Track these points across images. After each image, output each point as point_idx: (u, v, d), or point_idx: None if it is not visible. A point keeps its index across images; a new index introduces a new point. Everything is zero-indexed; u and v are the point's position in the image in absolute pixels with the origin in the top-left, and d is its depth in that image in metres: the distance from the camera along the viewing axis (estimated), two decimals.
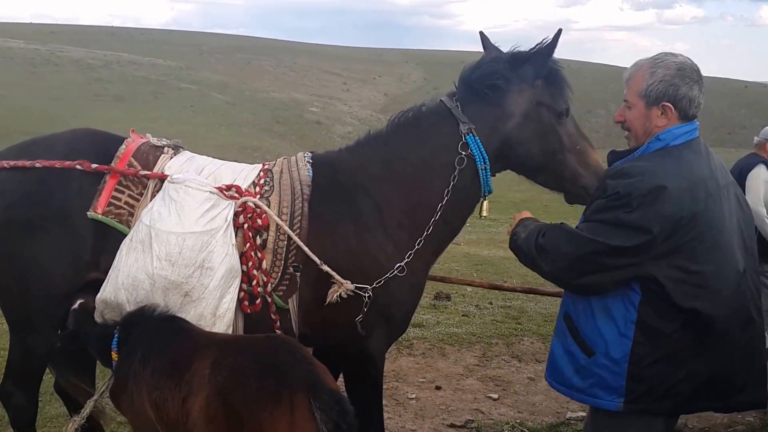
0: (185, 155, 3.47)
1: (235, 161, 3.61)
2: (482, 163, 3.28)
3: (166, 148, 3.46)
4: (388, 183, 3.32)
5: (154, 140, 3.50)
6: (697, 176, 2.55)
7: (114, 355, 3.01)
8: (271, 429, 2.47)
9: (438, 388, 5.58)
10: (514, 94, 3.25)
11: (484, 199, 3.40)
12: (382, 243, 3.24)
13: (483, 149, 3.26)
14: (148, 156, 3.37)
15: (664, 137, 2.65)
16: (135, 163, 3.31)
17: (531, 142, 3.28)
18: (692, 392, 2.55)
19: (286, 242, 3.20)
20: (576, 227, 2.69)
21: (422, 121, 3.37)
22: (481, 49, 3.48)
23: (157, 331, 2.89)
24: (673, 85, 2.62)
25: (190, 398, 2.60)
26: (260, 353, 2.68)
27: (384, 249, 3.25)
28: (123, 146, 3.36)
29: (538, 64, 3.25)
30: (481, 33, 3.51)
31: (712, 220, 2.52)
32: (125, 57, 62.75)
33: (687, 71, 2.64)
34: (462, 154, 3.25)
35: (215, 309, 3.08)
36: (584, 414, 5.14)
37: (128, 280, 3.06)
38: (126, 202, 3.22)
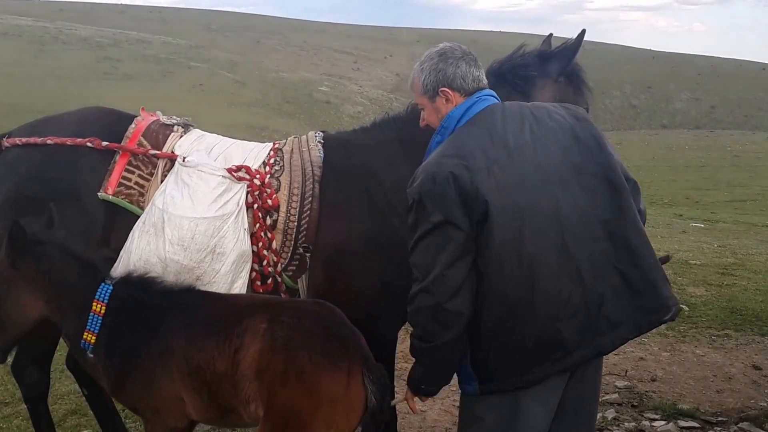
0: (195, 134, 3.44)
1: (245, 140, 3.58)
2: None
3: (175, 127, 3.44)
4: (405, 165, 3.28)
5: (164, 118, 3.47)
6: (468, 150, 2.51)
7: (90, 336, 2.86)
8: (329, 389, 2.59)
9: None
10: (540, 87, 3.37)
11: None
12: (397, 226, 3.22)
13: None
14: (158, 135, 3.34)
15: (445, 123, 2.68)
16: (145, 142, 3.29)
17: None
18: (525, 362, 2.54)
19: (296, 222, 3.17)
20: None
21: None
22: (493, 29, 3.49)
23: (182, 304, 2.87)
24: (439, 71, 2.65)
25: (241, 350, 2.65)
26: (323, 318, 2.75)
27: (399, 232, 3.22)
28: (133, 125, 3.34)
29: (563, 62, 3.38)
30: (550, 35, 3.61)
31: (503, 184, 2.47)
32: (134, 35, 62.59)
33: (448, 53, 2.68)
34: None
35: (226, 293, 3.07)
36: None
37: (140, 263, 3.06)
38: (136, 183, 3.21)
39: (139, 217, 3.15)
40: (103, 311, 2.86)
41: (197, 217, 3.07)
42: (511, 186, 2.49)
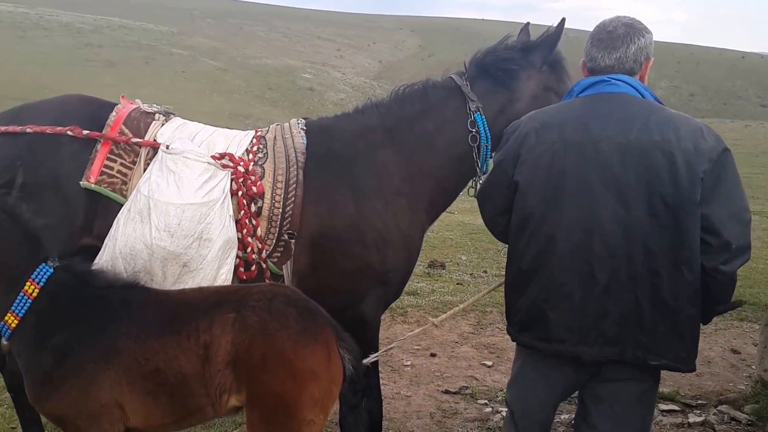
0: (176, 122, 3.43)
1: (227, 128, 3.58)
2: (485, 141, 3.42)
3: (157, 115, 3.42)
4: (389, 151, 3.38)
5: (144, 106, 3.45)
6: (555, 120, 2.67)
7: (12, 319, 2.63)
8: (312, 366, 2.59)
9: (433, 355, 5.61)
10: (525, 78, 3.44)
11: (479, 179, 3.46)
12: (380, 211, 3.28)
13: (487, 128, 3.41)
14: (140, 123, 3.32)
15: (573, 89, 2.84)
16: (126, 131, 3.26)
17: None
18: (520, 323, 2.74)
19: (281, 209, 3.19)
20: None
21: (430, 95, 3.47)
22: (476, 16, 3.54)
23: (128, 300, 2.73)
24: (586, 44, 2.79)
25: (212, 345, 2.59)
26: (289, 297, 2.73)
27: (382, 216, 3.28)
28: (114, 113, 3.31)
29: (546, 50, 3.45)
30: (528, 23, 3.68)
31: (562, 155, 2.60)
32: (116, 21, 61.93)
33: (595, 32, 2.77)
34: (471, 131, 3.41)
35: (213, 280, 3.09)
36: None
37: (126, 250, 3.05)
38: (119, 171, 3.19)
39: (122, 205, 3.14)
40: (35, 294, 2.64)
41: (184, 203, 3.06)
42: (556, 172, 2.61)
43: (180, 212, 3.05)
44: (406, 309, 6.62)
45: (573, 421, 3.50)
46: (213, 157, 3.20)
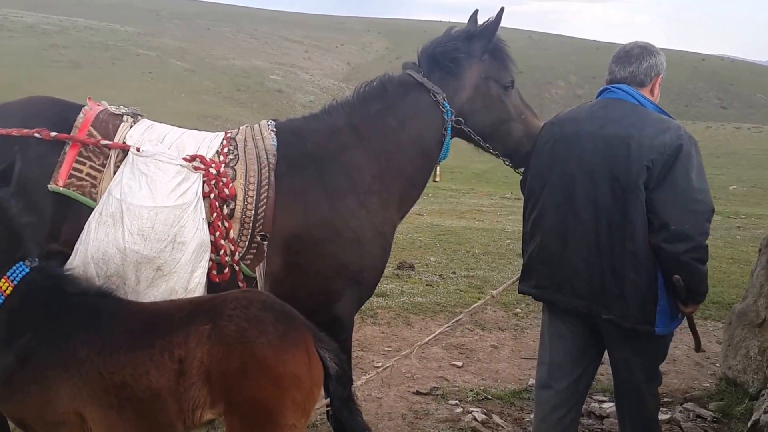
0: (145, 123, 3.40)
1: (195, 129, 3.56)
2: (450, 130, 3.51)
3: (125, 117, 3.38)
4: (358, 149, 3.42)
5: (112, 108, 3.42)
6: (567, 117, 3.39)
7: None
8: (293, 370, 2.59)
9: (404, 356, 5.62)
10: (467, 67, 3.52)
11: (438, 165, 3.65)
12: (354, 209, 3.32)
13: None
14: (108, 125, 3.29)
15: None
16: (95, 133, 3.22)
17: (481, 112, 3.56)
18: (522, 274, 3.48)
19: (253, 211, 3.19)
20: None
21: (390, 90, 3.51)
22: (444, 19, 3.63)
23: (95, 311, 2.71)
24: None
25: (188, 359, 2.56)
26: (264, 302, 2.73)
27: (356, 215, 3.32)
28: (81, 115, 3.27)
29: (485, 39, 3.53)
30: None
31: (558, 144, 3.29)
32: (81, 22, 60.99)
33: (616, 52, 3.42)
34: (440, 121, 3.50)
35: (187, 283, 3.07)
36: None
37: (98, 254, 3.01)
38: (88, 174, 3.15)
39: (91, 208, 3.10)
40: (8, 292, 2.65)
41: (157, 206, 3.03)
42: (551, 157, 3.31)
43: (153, 215, 3.02)
44: (375, 311, 6.63)
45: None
46: (184, 159, 3.18)
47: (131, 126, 3.32)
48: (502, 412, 4.74)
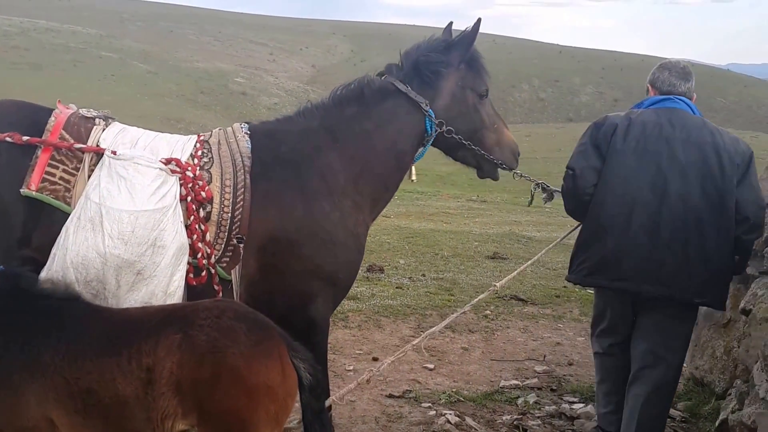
0: (117, 126, 3.37)
1: (159, 132, 3.54)
2: (428, 134, 3.61)
3: (97, 119, 3.34)
4: (332, 152, 3.45)
5: (83, 111, 3.37)
6: (639, 120, 3.71)
7: None
8: (266, 380, 2.57)
9: (375, 359, 5.61)
10: (445, 77, 3.61)
11: (413, 164, 3.74)
12: (329, 211, 3.35)
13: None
14: (80, 128, 3.24)
15: (642, 103, 3.91)
16: (67, 136, 3.18)
17: (457, 120, 3.64)
18: (592, 268, 3.73)
19: (230, 214, 3.19)
20: None
21: (367, 95, 3.55)
22: (408, 22, 3.67)
23: (60, 315, 2.68)
24: (653, 73, 3.93)
25: (156, 368, 2.53)
26: (236, 311, 2.70)
27: (331, 217, 3.34)
28: (53, 118, 3.22)
29: (463, 49, 3.63)
30: (480, 19, 3.81)
31: (643, 146, 3.64)
32: (42, 24, 59.95)
33: (670, 67, 3.88)
34: (418, 128, 3.60)
35: (166, 287, 3.05)
36: (517, 383, 5.30)
37: (78, 259, 2.97)
38: (61, 178, 3.10)
39: (65, 213, 3.05)
40: None
41: (137, 210, 3.02)
42: (637, 158, 3.64)
43: (134, 219, 3.00)
44: (346, 314, 6.61)
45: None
46: (161, 162, 3.16)
47: (103, 129, 3.28)
48: (475, 414, 4.76)
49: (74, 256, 2.97)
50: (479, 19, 3.67)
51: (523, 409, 4.84)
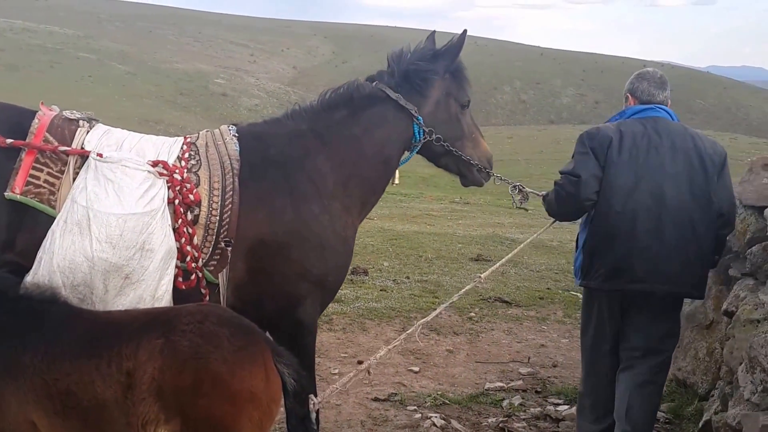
0: (101, 128, 3.34)
1: (137, 133, 3.51)
2: (416, 141, 3.68)
3: (81, 121, 3.31)
4: (321, 155, 3.46)
5: (66, 113, 3.34)
6: (629, 130, 3.85)
7: None
8: (249, 386, 2.55)
9: (360, 362, 5.57)
10: (433, 85, 3.67)
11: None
12: (318, 214, 3.35)
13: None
14: (64, 130, 3.21)
15: (625, 112, 4.05)
16: (51, 138, 3.14)
17: (440, 127, 3.69)
18: (607, 274, 3.82)
19: (218, 217, 3.17)
20: None
21: (356, 99, 3.57)
22: (390, 24, 3.71)
23: (40, 316, 2.66)
24: (631, 83, 4.08)
25: (136, 372, 2.51)
26: (220, 316, 2.69)
27: (320, 220, 3.35)
28: (36, 120, 3.18)
29: (449, 59, 3.69)
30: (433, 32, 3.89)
31: (636, 155, 3.77)
32: (19, 24, 59.27)
33: (648, 77, 4.03)
34: (405, 133, 3.65)
35: (154, 291, 3.03)
36: (502, 385, 5.31)
37: (65, 263, 2.93)
38: (46, 181, 3.06)
39: (50, 216, 3.01)
40: None
41: (125, 213, 2.99)
42: (634, 166, 3.77)
43: (122, 223, 2.97)
44: (331, 317, 6.59)
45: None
46: (148, 164, 3.13)
47: (88, 131, 3.25)
48: (460, 417, 4.77)
49: (61, 260, 2.94)
50: (465, 31, 3.75)
51: (508, 411, 4.85)
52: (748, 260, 4.23)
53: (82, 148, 3.15)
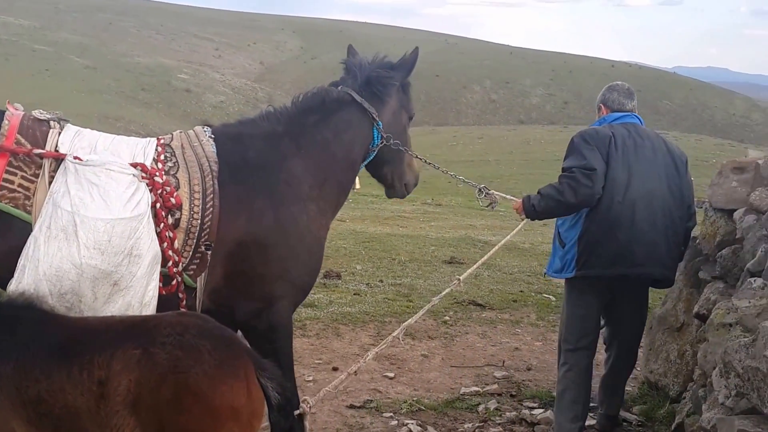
0: (72, 129, 3.27)
1: (96, 131, 3.44)
2: (374, 145, 3.82)
3: (51, 122, 3.22)
4: (297, 158, 3.52)
5: (35, 113, 3.24)
6: (619, 133, 4.29)
7: None
8: (230, 402, 2.51)
9: (335, 369, 5.55)
10: (391, 94, 3.83)
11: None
12: (296, 216, 3.41)
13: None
14: (35, 132, 3.12)
15: (605, 118, 4.50)
16: (23, 141, 3.04)
17: (394, 135, 3.84)
18: (610, 261, 4.19)
19: (200, 220, 3.14)
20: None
21: (327, 104, 3.66)
22: (360, 19, 3.79)
23: (14, 322, 2.61)
24: (603, 94, 4.60)
25: (109, 382, 2.45)
26: (201, 327, 2.63)
27: (299, 221, 3.42)
28: (6, 121, 3.08)
29: (404, 72, 3.87)
30: (350, 46, 4.05)
31: (626, 155, 4.21)
32: None
33: (618, 88, 4.55)
34: (368, 137, 3.77)
35: (142, 297, 2.99)
36: (477, 389, 5.32)
37: (51, 271, 2.85)
38: (20, 185, 2.97)
39: (25, 222, 2.92)
40: None
41: (113, 218, 2.93)
42: (627, 163, 4.19)
43: (110, 228, 2.91)
44: (304, 322, 6.52)
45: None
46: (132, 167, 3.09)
47: (59, 132, 3.16)
48: (436, 423, 4.76)
49: (47, 268, 2.86)
50: (416, 48, 3.96)
51: (484, 416, 4.85)
52: (718, 263, 4.32)
53: (57, 150, 3.07)
